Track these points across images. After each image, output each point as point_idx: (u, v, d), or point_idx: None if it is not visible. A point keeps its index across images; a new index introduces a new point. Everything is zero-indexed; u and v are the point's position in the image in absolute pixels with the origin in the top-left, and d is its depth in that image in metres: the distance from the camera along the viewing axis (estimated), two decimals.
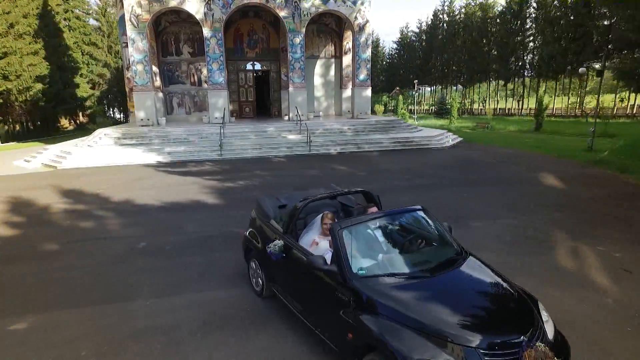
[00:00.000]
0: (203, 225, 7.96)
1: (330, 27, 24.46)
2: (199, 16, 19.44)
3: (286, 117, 22.18)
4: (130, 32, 19.21)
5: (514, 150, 17.56)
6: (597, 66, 20.08)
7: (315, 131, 19.16)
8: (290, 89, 21.27)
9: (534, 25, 43.88)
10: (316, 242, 4.01)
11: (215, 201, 9.85)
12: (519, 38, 44.97)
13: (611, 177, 11.69)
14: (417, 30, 60.11)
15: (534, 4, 43.35)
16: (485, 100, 53.31)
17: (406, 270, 3.38)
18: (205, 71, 22.63)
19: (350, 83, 24.18)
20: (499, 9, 47.06)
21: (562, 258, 5.95)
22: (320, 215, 4.25)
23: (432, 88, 63.50)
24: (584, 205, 8.76)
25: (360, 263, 3.39)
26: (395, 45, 65.18)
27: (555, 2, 40.86)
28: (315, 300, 3.77)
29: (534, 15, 43.73)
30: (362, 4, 21.26)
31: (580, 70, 20.92)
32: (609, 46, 35.32)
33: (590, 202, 8.96)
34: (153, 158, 16.18)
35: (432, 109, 53.10)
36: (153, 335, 4.29)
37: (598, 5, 36.31)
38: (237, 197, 10.13)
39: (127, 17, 19.10)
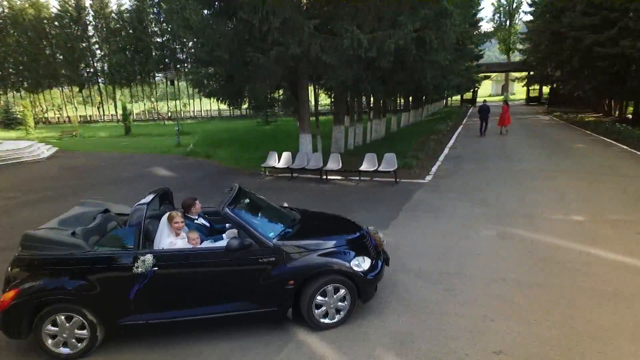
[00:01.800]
0: None
1: None
2: None
3: None
4: None
5: (118, 153, 18.56)
6: (159, 75, 23.99)
7: None
8: None
9: (97, 33, 44.84)
10: (174, 244, 4.11)
11: None
12: (84, 44, 44.63)
13: (202, 162, 15.34)
14: None
15: (92, 12, 44.17)
16: (62, 108, 49.52)
17: (283, 226, 4.42)
18: None
19: None
20: (55, 12, 44.35)
21: None
22: (164, 218, 4.26)
23: None
24: (193, 184, 11.40)
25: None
26: None
27: (114, 15, 43.64)
28: (231, 283, 3.98)
29: (94, 23, 44.60)
30: None
31: (157, 78, 24.46)
32: (166, 60, 42.30)
33: (197, 181, 11.77)
34: None
35: None
36: None
37: (151, 24, 42.36)
38: None
39: None
